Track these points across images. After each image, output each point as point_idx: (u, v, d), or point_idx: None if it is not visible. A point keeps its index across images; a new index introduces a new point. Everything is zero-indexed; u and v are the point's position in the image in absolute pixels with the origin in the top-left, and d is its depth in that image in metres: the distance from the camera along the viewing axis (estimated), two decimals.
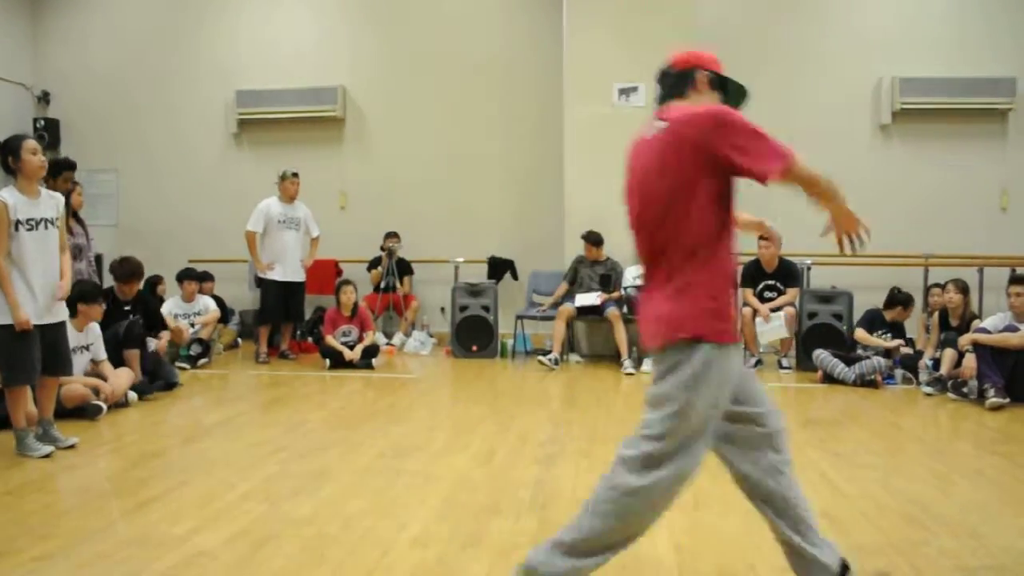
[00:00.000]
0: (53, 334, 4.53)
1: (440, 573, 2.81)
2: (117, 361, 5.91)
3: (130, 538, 3.13)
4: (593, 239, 8.05)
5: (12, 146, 4.40)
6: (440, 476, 3.99)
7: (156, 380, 6.25)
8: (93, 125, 10.29)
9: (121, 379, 5.69)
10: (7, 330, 4.30)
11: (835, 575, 2.49)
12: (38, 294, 4.41)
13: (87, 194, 9.30)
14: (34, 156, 4.40)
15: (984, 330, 6.12)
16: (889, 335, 7.12)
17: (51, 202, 4.52)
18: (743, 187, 2.44)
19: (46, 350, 4.49)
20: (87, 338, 5.56)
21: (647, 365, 7.41)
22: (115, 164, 10.30)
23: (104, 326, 5.83)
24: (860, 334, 7.12)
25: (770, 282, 7.66)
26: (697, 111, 2.38)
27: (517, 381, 7.08)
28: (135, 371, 6.01)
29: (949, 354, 6.35)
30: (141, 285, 6.80)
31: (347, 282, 7.93)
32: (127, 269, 6.52)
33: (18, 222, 4.32)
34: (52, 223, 4.50)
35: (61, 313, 4.61)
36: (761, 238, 7.53)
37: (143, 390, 6.01)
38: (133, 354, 6.06)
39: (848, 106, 9.09)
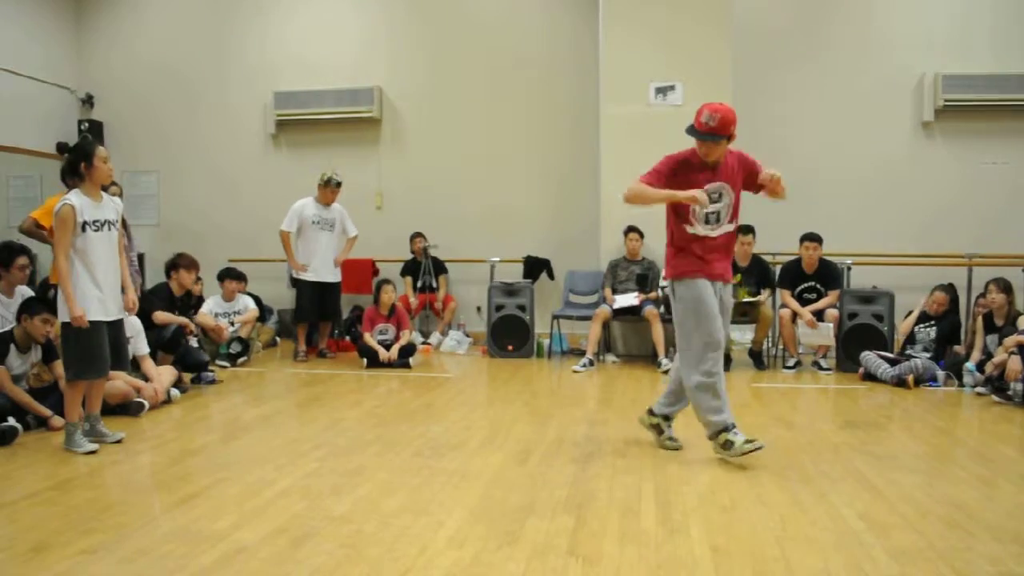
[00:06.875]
0: (115, 330, 4.68)
1: (476, 572, 2.81)
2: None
3: (172, 533, 3.17)
4: (638, 230, 8.10)
5: (87, 151, 4.53)
6: (476, 475, 4.00)
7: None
8: (136, 127, 10.46)
9: (164, 379, 5.82)
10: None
11: None
12: (106, 292, 4.56)
13: (129, 195, 9.49)
14: (104, 164, 4.57)
15: None
16: (935, 327, 7.01)
17: (112, 206, 4.69)
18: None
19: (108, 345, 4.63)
20: (128, 331, 5.64)
21: None
22: (156, 165, 10.47)
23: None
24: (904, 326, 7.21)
25: (809, 283, 7.55)
26: None
27: (553, 381, 7.07)
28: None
29: (998, 355, 6.22)
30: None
31: (386, 281, 7.97)
32: (189, 259, 7.11)
33: (85, 223, 4.46)
34: (114, 225, 4.67)
35: (121, 309, 4.75)
36: (807, 240, 7.47)
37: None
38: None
39: (890, 103, 8.96)
